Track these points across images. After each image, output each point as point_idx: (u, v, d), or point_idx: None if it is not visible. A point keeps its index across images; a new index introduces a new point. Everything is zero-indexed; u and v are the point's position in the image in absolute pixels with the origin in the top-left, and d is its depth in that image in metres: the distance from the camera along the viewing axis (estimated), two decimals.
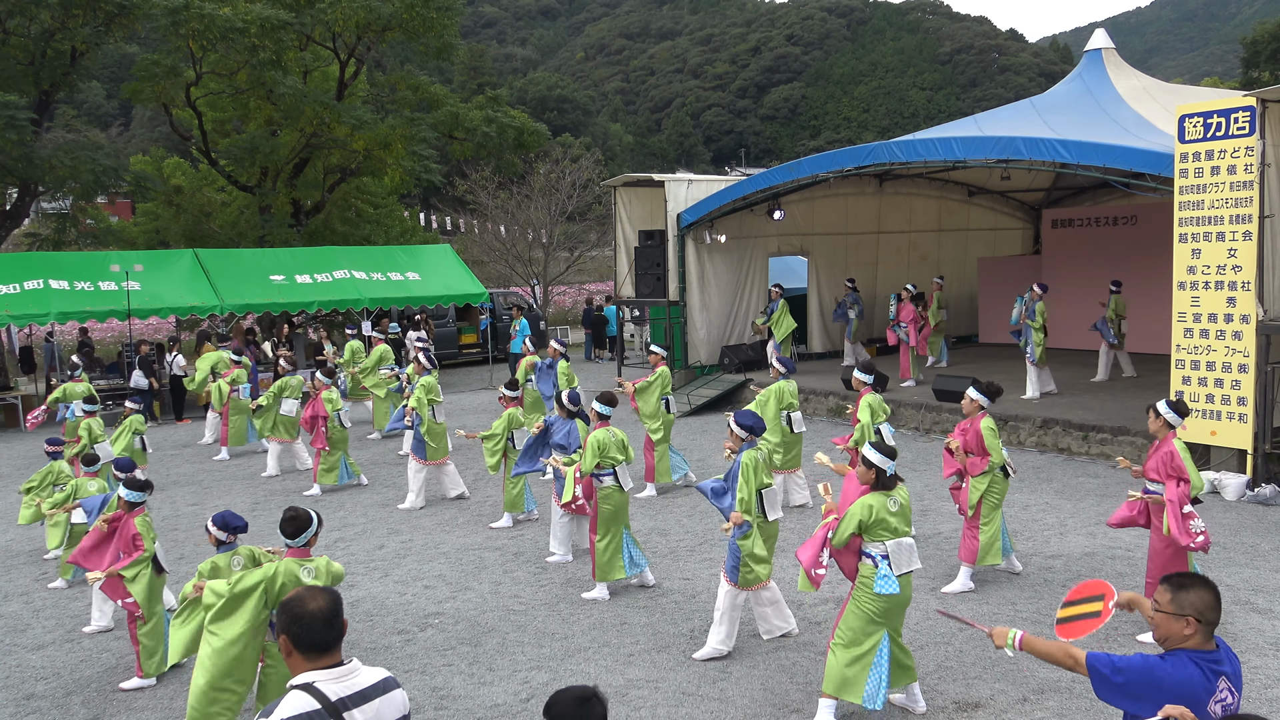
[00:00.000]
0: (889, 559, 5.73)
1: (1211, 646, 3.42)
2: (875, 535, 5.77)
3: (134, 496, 7.06)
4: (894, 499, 5.84)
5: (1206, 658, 3.38)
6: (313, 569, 5.56)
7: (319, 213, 25.74)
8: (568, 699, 2.98)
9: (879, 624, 5.75)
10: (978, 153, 13.65)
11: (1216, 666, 3.38)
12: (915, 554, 5.86)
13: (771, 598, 7.16)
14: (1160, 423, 7.19)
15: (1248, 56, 52.05)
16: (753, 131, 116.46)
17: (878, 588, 5.71)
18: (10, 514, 12.14)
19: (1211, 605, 3.39)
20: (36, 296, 17.84)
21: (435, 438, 11.66)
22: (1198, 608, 3.39)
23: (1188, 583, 3.45)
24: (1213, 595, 3.42)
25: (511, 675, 6.79)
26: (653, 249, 18.70)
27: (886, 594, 5.70)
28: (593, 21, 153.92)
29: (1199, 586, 3.43)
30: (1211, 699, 3.33)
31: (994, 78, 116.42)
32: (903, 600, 5.81)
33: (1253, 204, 10.24)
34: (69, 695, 6.85)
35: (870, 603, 5.74)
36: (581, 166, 33.73)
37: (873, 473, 5.85)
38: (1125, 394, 14.52)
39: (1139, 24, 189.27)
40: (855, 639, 5.75)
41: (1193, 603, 3.40)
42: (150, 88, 23.12)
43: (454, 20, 24.86)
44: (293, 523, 5.65)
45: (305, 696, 3.12)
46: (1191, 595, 3.41)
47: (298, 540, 5.64)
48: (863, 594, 5.79)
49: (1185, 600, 3.41)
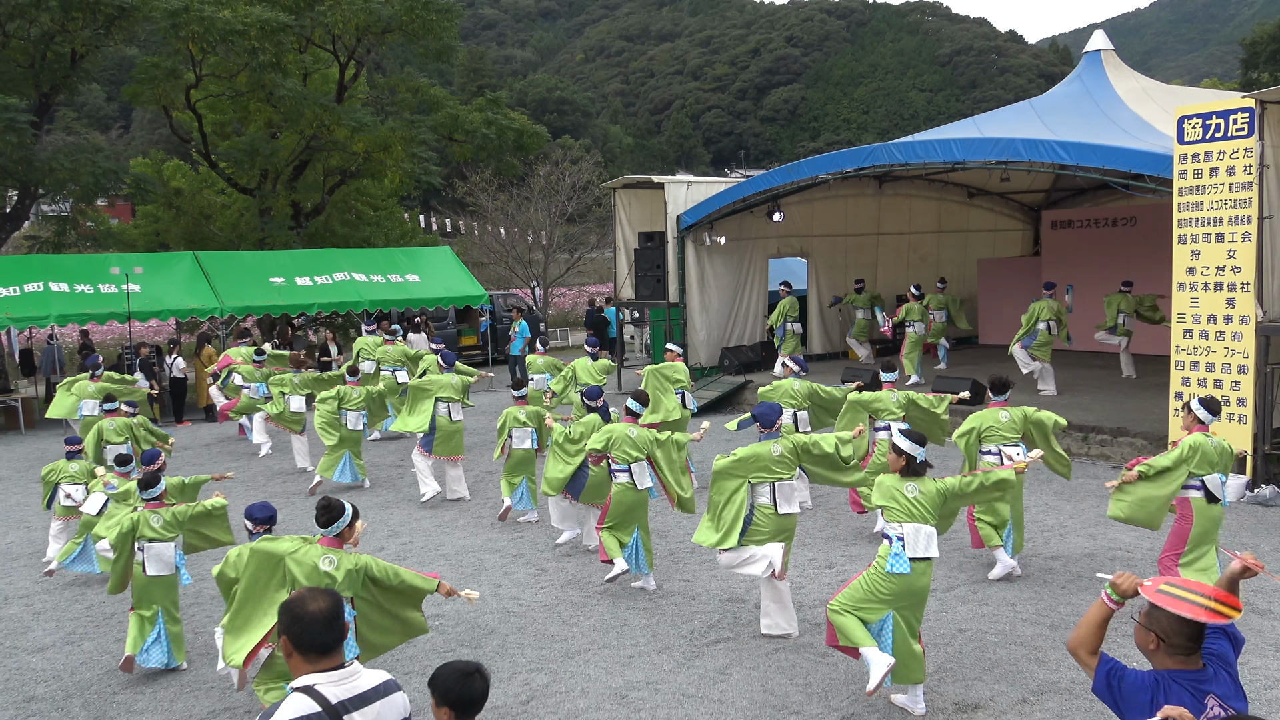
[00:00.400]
0: (904, 540, 5.86)
1: (1196, 666, 3.45)
2: (892, 515, 5.94)
3: (148, 493, 7.19)
4: (911, 485, 5.97)
5: (1193, 678, 3.42)
6: (334, 559, 5.58)
7: (319, 215, 25.75)
8: (452, 671, 3.27)
9: (883, 601, 5.87)
10: (977, 154, 13.67)
11: (1202, 685, 3.41)
12: (934, 543, 5.93)
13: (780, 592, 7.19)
14: (1191, 418, 7.33)
15: (1247, 58, 52.08)
16: (752, 133, 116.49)
17: (889, 566, 5.87)
18: (10, 516, 12.14)
19: (1176, 630, 3.42)
20: (36, 299, 17.84)
21: (447, 435, 11.67)
22: (1163, 627, 3.44)
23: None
24: (1180, 621, 3.41)
25: (511, 677, 6.80)
26: (652, 251, 18.70)
27: (896, 573, 5.83)
28: (592, 23, 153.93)
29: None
30: (1202, 716, 3.35)
31: (993, 79, 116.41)
32: (914, 586, 5.89)
33: (1252, 205, 10.25)
34: (69, 698, 6.86)
35: (880, 580, 5.88)
36: (581, 168, 33.72)
37: (903, 459, 6.02)
38: (1124, 395, 14.53)
39: (1138, 25, 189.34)
40: (854, 605, 5.92)
41: (1159, 621, 3.45)
42: (150, 90, 23.14)
43: (453, 22, 24.89)
44: (326, 512, 5.67)
45: (305, 699, 3.12)
46: (1161, 614, 3.45)
47: (330, 530, 5.67)
48: (875, 571, 5.95)
49: (1155, 616, 3.47)
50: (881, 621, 5.89)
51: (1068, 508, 10.46)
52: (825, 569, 8.72)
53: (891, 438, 6.17)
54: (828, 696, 6.29)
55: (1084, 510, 10.31)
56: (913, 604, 5.94)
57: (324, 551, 5.61)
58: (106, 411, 11.13)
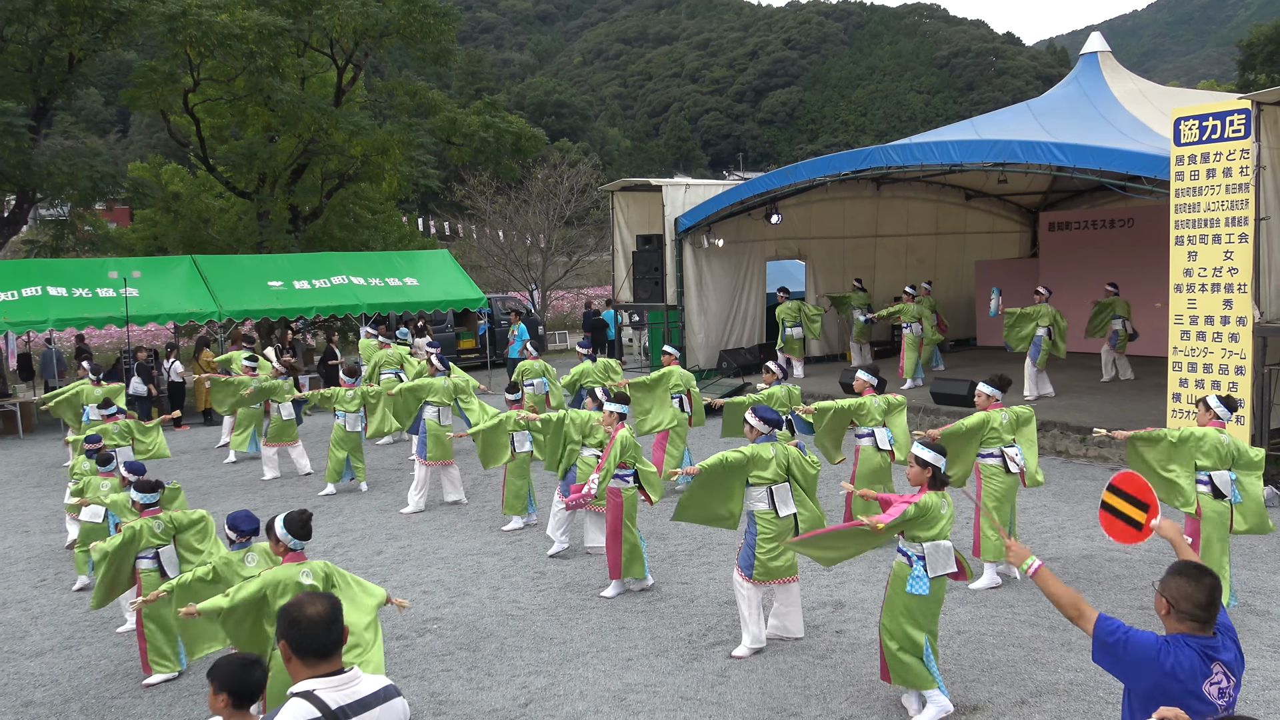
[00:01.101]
0: (924, 560, 5.80)
1: (1209, 633, 3.59)
2: (915, 535, 5.81)
3: (146, 498, 7.18)
4: (946, 501, 5.91)
5: (1204, 643, 3.56)
6: (309, 571, 5.56)
7: (317, 218, 25.75)
8: (232, 662, 3.45)
9: (919, 625, 5.85)
10: (975, 156, 13.68)
11: (1212, 653, 3.55)
12: (952, 557, 5.89)
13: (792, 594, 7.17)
14: (1209, 415, 7.38)
15: (1244, 59, 52.18)
16: (750, 135, 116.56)
17: (911, 587, 5.81)
18: (8, 520, 12.13)
19: (1187, 595, 3.56)
20: (34, 303, 17.82)
21: (437, 440, 11.68)
22: (1173, 593, 3.59)
23: (1183, 570, 3.65)
24: (1192, 586, 3.57)
25: (510, 680, 6.79)
26: (651, 253, 18.71)
27: (916, 594, 5.80)
28: (590, 26, 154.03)
29: (1186, 576, 3.60)
30: (1206, 680, 3.51)
31: (991, 81, 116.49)
32: (934, 600, 5.88)
33: (1249, 206, 10.26)
34: (67, 702, 6.85)
35: (905, 600, 5.84)
36: (579, 171, 33.76)
37: (928, 471, 5.87)
38: (1122, 396, 14.54)
39: (1135, 27, 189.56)
40: (908, 637, 5.84)
41: (1170, 587, 3.61)
42: (148, 94, 23.12)
43: (451, 26, 24.91)
44: (305, 527, 5.65)
45: (305, 704, 3.12)
46: (1175, 580, 3.61)
47: (304, 543, 5.65)
48: (896, 591, 5.89)
49: (1169, 583, 3.62)
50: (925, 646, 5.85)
51: (1065, 509, 10.47)
52: (823, 571, 8.71)
53: (913, 450, 5.95)
54: (826, 699, 6.28)
55: (1082, 512, 10.31)
56: (934, 612, 5.97)
57: (298, 567, 5.55)
58: (107, 416, 11.21)
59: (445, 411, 11.82)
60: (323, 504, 12.22)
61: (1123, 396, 14.50)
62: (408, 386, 12.16)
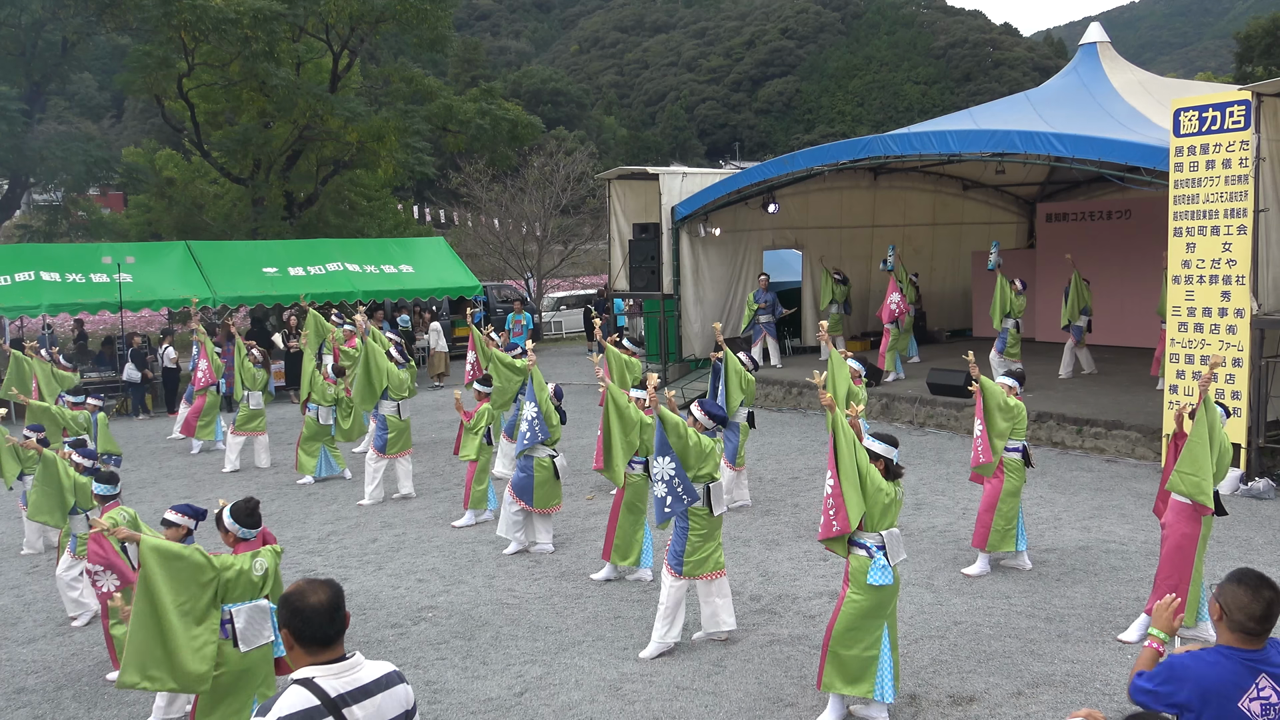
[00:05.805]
0: (884, 549, 5.74)
1: (1257, 646, 3.41)
2: (874, 524, 5.75)
3: (105, 490, 6.99)
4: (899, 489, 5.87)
5: (1248, 655, 3.39)
6: (263, 562, 5.37)
7: (312, 205, 25.66)
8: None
9: (878, 618, 5.75)
10: (972, 146, 13.64)
11: (1257, 664, 3.38)
12: (902, 543, 5.89)
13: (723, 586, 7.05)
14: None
15: (1241, 51, 52.10)
16: (747, 125, 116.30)
17: (872, 578, 5.69)
18: (0, 506, 12.07)
19: (1242, 605, 3.39)
20: (28, 288, 17.77)
21: (399, 433, 11.61)
22: (1228, 601, 3.43)
23: (1242, 578, 3.46)
24: (1248, 596, 3.39)
25: (505, 669, 6.78)
26: (647, 242, 18.65)
27: (880, 584, 5.71)
28: (587, 15, 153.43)
29: (1245, 585, 3.42)
30: (1244, 695, 3.34)
31: (988, 72, 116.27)
32: (895, 588, 5.83)
33: (1247, 198, 10.24)
34: (60, 689, 6.82)
35: (867, 596, 5.72)
36: (576, 159, 33.61)
37: (881, 464, 5.82)
38: (1118, 388, 14.54)
39: (1133, 18, 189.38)
40: (857, 638, 5.72)
41: (1226, 594, 3.44)
42: (142, 79, 23.01)
43: (447, 12, 24.82)
44: (252, 515, 5.63)
45: (304, 692, 3.09)
46: (1232, 588, 3.44)
47: (254, 532, 5.63)
48: (857, 589, 5.75)
49: (1226, 590, 3.45)
50: (881, 643, 5.72)
51: (1062, 500, 10.46)
52: (820, 560, 8.70)
53: (864, 442, 5.84)
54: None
55: (1078, 503, 10.31)
56: (892, 608, 5.86)
57: (249, 558, 5.34)
58: (74, 405, 11.17)
59: (405, 405, 11.72)
60: (317, 493, 12.19)
61: (1119, 389, 14.50)
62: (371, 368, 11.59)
